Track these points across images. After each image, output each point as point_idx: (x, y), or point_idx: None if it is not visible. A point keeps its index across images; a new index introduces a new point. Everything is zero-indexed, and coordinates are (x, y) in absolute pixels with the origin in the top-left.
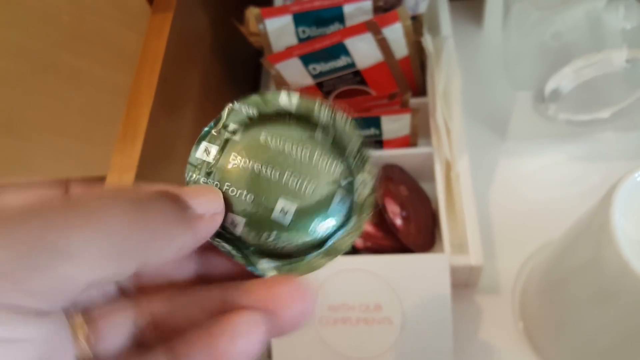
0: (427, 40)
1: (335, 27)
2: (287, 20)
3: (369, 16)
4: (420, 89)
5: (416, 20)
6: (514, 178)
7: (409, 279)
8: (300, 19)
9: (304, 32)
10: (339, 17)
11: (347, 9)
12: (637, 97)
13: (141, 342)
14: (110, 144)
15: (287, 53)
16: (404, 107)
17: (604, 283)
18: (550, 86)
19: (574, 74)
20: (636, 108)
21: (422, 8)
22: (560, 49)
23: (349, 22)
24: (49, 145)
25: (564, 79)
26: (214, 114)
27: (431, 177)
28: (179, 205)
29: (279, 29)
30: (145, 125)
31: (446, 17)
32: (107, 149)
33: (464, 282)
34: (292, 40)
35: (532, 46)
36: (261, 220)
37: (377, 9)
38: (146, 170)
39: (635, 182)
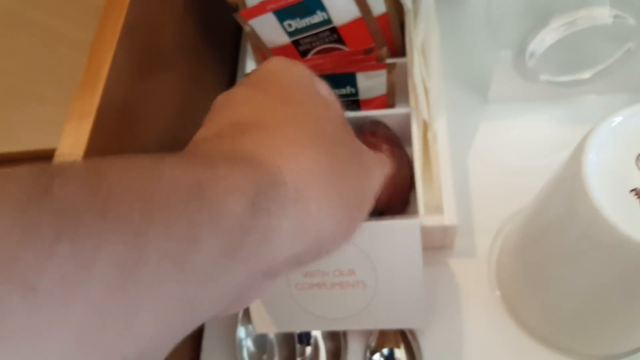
0: None
1: None
2: None
3: None
4: (400, 50)
5: None
6: (494, 141)
7: (382, 244)
8: None
9: None
10: None
11: None
12: (618, 56)
13: None
14: None
15: (261, 8)
16: (380, 61)
17: (576, 235)
18: (531, 45)
19: (556, 30)
20: (618, 68)
21: None
22: (544, 6)
23: None
24: (26, 113)
25: (547, 36)
26: (189, 74)
27: (409, 139)
28: None
29: None
30: (106, 73)
31: None
32: None
33: (439, 244)
34: None
35: (515, 2)
36: None
37: None
38: (107, 120)
39: (609, 127)
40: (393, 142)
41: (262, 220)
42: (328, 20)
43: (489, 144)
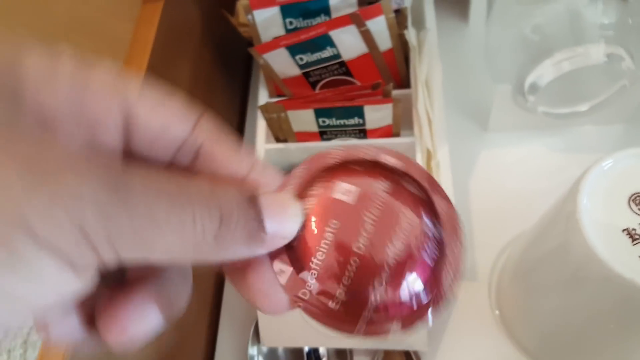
0: (410, 33)
1: (321, 19)
2: (274, 11)
3: (354, 9)
4: (404, 82)
5: (400, 13)
6: (494, 169)
7: None
8: (287, 11)
9: (291, 23)
10: (325, 10)
11: (333, 1)
12: (614, 91)
13: None
14: None
15: (274, 43)
16: (386, 97)
17: (571, 269)
18: (530, 79)
19: (554, 67)
20: (613, 102)
21: (407, 2)
22: (541, 42)
23: (335, 14)
24: None
25: (544, 72)
26: (204, 101)
27: None
28: (255, 219)
29: (267, 20)
30: None
31: (431, 12)
32: None
33: None
34: (279, 31)
35: (513, 39)
36: None
37: (361, 2)
38: None
39: (602, 170)
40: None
41: None
42: (337, 55)
43: (489, 171)
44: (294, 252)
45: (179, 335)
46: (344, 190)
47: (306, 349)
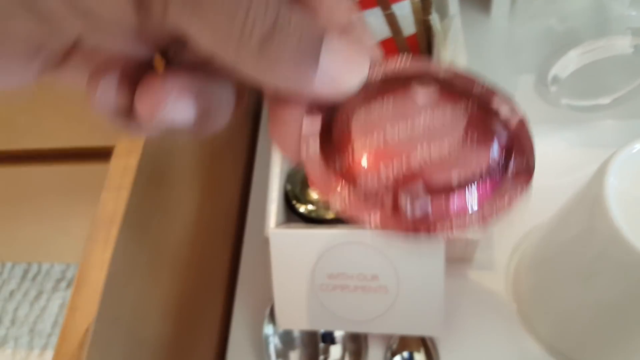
0: (435, 19)
1: None
2: None
3: None
4: None
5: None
6: None
7: (406, 252)
8: None
9: None
10: None
11: None
12: (637, 84)
13: None
14: None
15: None
16: None
17: (595, 253)
18: (554, 70)
19: (578, 58)
20: (637, 95)
21: None
22: (565, 33)
23: None
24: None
25: (568, 63)
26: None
27: None
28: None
29: None
30: None
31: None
32: None
33: (460, 256)
34: None
35: (538, 30)
36: None
37: None
38: None
39: (630, 153)
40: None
41: None
42: None
43: None
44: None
45: (194, 313)
46: (418, 92)
47: (321, 331)
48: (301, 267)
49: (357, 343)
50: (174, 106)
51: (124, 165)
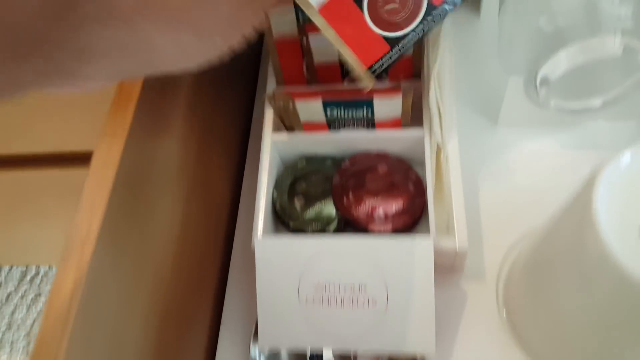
0: None
1: None
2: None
3: None
4: (416, 72)
5: None
6: (505, 164)
7: (395, 261)
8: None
9: None
10: None
11: None
12: (628, 85)
13: None
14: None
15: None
16: (396, 88)
17: (584, 268)
18: (543, 71)
19: (567, 58)
20: (628, 96)
21: None
22: (555, 33)
23: None
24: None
25: (558, 64)
26: (212, 89)
27: (423, 161)
28: None
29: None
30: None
31: None
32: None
33: (449, 266)
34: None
35: (527, 30)
36: None
37: None
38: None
39: (618, 164)
40: (412, 175)
41: None
42: None
43: (498, 166)
44: None
45: (179, 333)
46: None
47: (309, 352)
48: (287, 278)
49: None
50: None
51: (100, 178)
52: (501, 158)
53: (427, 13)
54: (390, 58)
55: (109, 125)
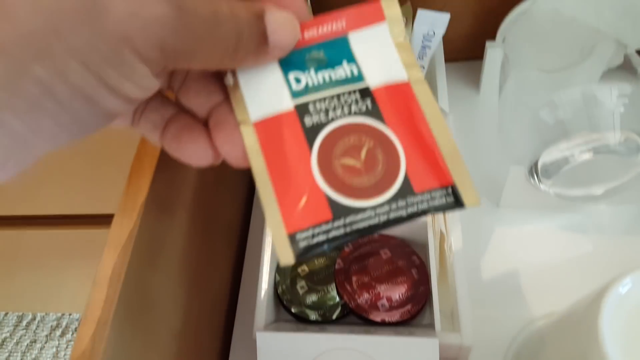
0: None
1: None
2: None
3: None
4: None
5: None
6: (505, 245)
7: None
8: None
9: None
10: None
11: None
12: (630, 177)
13: None
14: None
15: None
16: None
17: None
18: (543, 162)
19: (569, 152)
20: (629, 187)
21: None
22: (555, 126)
23: None
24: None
25: (558, 156)
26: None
27: (425, 247)
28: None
29: None
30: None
31: (443, 88)
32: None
33: (453, 359)
34: None
35: (527, 120)
36: None
37: None
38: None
39: (623, 288)
40: (415, 260)
41: None
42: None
43: (500, 247)
44: None
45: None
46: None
47: None
48: None
49: None
50: None
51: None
52: (504, 239)
53: (399, 195)
54: (328, 235)
55: (127, 202)
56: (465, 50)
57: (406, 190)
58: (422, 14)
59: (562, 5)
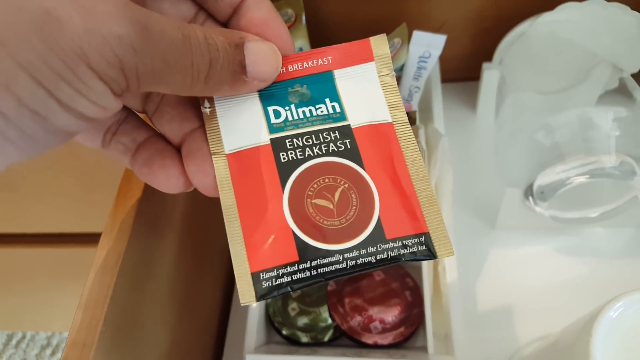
0: (421, 137)
1: None
2: None
3: None
4: None
5: (408, 116)
6: (500, 267)
7: None
8: None
9: None
10: None
11: None
12: (625, 200)
13: None
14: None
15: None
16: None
17: None
18: (539, 184)
19: (565, 175)
20: (625, 210)
21: (415, 105)
22: (552, 148)
23: None
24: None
25: (554, 179)
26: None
27: (419, 269)
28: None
29: None
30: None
31: (439, 109)
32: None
33: None
34: None
35: (523, 143)
36: None
37: None
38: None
39: (615, 313)
40: (409, 282)
41: None
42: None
43: (495, 269)
44: None
45: None
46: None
47: None
48: None
49: None
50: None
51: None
52: (499, 261)
53: (370, 240)
54: (293, 277)
55: (114, 223)
56: (462, 70)
57: (378, 235)
58: (419, 35)
59: (559, 28)
